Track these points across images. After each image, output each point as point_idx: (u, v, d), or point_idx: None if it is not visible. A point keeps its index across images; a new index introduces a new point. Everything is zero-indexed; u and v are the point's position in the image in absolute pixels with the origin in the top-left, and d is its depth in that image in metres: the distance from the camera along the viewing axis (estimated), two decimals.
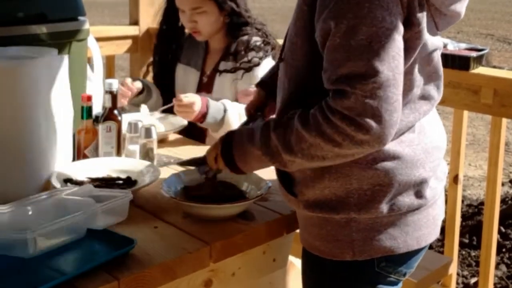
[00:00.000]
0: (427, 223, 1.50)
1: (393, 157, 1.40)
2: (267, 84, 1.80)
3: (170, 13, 2.55)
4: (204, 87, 2.54)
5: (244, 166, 1.49)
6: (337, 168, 1.40)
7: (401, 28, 1.30)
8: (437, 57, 1.49)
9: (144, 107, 2.48)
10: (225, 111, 2.27)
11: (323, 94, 1.35)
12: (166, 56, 2.64)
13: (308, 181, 1.44)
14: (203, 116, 2.24)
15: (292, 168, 1.42)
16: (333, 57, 1.30)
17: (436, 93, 1.50)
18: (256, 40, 2.45)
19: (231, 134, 1.51)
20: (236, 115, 2.29)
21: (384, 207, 1.41)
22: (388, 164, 1.39)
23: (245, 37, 2.46)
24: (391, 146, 1.37)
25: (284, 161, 1.39)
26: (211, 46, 2.56)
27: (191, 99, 2.23)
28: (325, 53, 1.33)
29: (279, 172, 1.52)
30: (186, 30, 2.59)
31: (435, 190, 1.50)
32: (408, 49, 1.35)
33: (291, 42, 1.45)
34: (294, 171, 1.46)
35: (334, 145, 1.30)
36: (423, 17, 1.36)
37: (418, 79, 1.44)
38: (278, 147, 1.37)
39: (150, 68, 2.78)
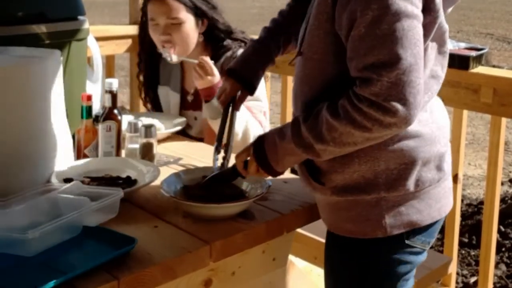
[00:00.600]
0: (445, 194, 1.60)
1: (415, 136, 1.49)
2: (235, 71, 1.80)
3: (146, 30, 2.41)
4: (190, 106, 2.49)
5: (277, 164, 1.53)
6: (366, 152, 1.47)
7: (421, 16, 1.38)
8: (447, 37, 1.58)
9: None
10: None
11: (345, 84, 1.42)
12: (148, 77, 2.55)
13: (337, 168, 1.50)
14: (211, 94, 2.13)
15: (325, 157, 1.47)
16: (358, 46, 1.37)
17: (442, 72, 1.58)
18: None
19: (261, 137, 1.57)
20: (242, 110, 2.24)
21: (411, 184, 1.50)
22: (411, 143, 1.49)
23: (229, 53, 2.36)
24: (412, 126, 1.44)
25: (316, 151, 1.45)
26: (187, 64, 2.44)
27: (214, 70, 2.13)
28: (350, 42, 1.39)
29: (303, 162, 1.56)
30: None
31: (449, 163, 1.62)
32: (426, 34, 1.43)
33: (312, 35, 1.49)
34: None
35: (364, 131, 1.37)
36: (440, 2, 1.45)
37: (429, 59, 1.51)
38: (309, 138, 1.44)
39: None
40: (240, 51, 2.34)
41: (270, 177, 1.62)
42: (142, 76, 2.59)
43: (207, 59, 2.13)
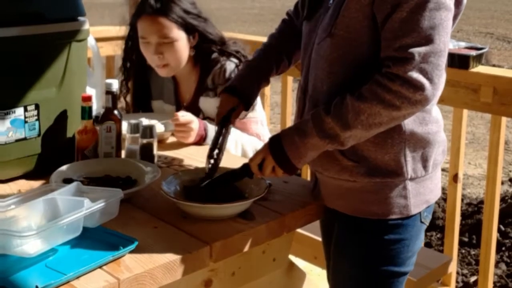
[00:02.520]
0: (440, 176, 1.75)
1: (436, 121, 1.65)
2: (235, 89, 1.87)
3: (134, 45, 2.38)
4: None
5: (299, 161, 1.59)
6: (399, 133, 1.58)
7: (453, 10, 1.53)
8: None
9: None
10: None
11: (374, 66, 1.52)
12: (138, 93, 2.51)
13: (370, 147, 1.59)
14: (203, 138, 2.18)
15: (348, 145, 1.55)
16: (398, 28, 1.48)
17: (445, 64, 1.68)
18: (231, 66, 2.32)
19: (276, 138, 1.62)
20: (232, 140, 2.24)
21: (430, 166, 1.65)
22: (434, 128, 1.64)
23: (218, 66, 2.32)
24: (434, 113, 1.63)
25: (341, 140, 1.53)
26: (179, 78, 2.44)
27: (188, 117, 2.13)
28: (389, 23, 1.49)
29: None
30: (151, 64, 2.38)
31: None
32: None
33: (350, 17, 1.55)
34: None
35: (393, 109, 1.48)
36: None
37: None
38: (335, 128, 1.52)
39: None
40: (230, 64, 2.33)
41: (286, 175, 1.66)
42: (131, 94, 2.53)
43: (177, 114, 2.12)
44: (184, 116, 2.14)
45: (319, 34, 1.65)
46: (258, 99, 2.29)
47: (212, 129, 2.20)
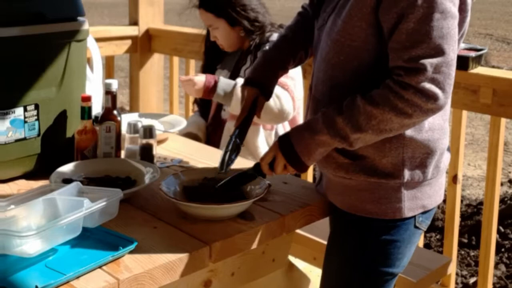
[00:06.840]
0: (443, 182, 1.76)
1: (439, 128, 1.65)
2: (252, 79, 1.86)
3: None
4: None
5: (308, 158, 1.61)
6: (398, 138, 1.59)
7: (458, 16, 1.54)
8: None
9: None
10: (235, 84, 2.41)
11: (377, 71, 1.56)
12: (209, 64, 2.79)
13: (369, 148, 1.60)
14: (213, 89, 2.39)
15: (356, 146, 1.57)
16: (406, 39, 1.49)
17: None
18: (275, 36, 2.52)
19: (285, 135, 1.65)
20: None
21: (429, 172, 1.65)
22: (436, 135, 1.64)
23: (267, 35, 2.58)
24: (437, 120, 1.62)
25: (350, 140, 1.55)
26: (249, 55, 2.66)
27: (192, 77, 2.40)
28: (396, 34, 1.50)
29: None
30: None
31: None
32: (458, 30, 1.57)
33: (353, 25, 1.56)
34: None
35: (405, 117, 1.50)
36: (470, 3, 1.63)
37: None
38: (345, 129, 1.54)
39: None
40: (275, 35, 2.53)
41: (295, 172, 1.68)
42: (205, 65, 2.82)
43: (182, 78, 2.43)
44: (191, 77, 2.41)
45: (323, 37, 1.66)
46: (299, 68, 2.48)
47: (223, 81, 2.41)
